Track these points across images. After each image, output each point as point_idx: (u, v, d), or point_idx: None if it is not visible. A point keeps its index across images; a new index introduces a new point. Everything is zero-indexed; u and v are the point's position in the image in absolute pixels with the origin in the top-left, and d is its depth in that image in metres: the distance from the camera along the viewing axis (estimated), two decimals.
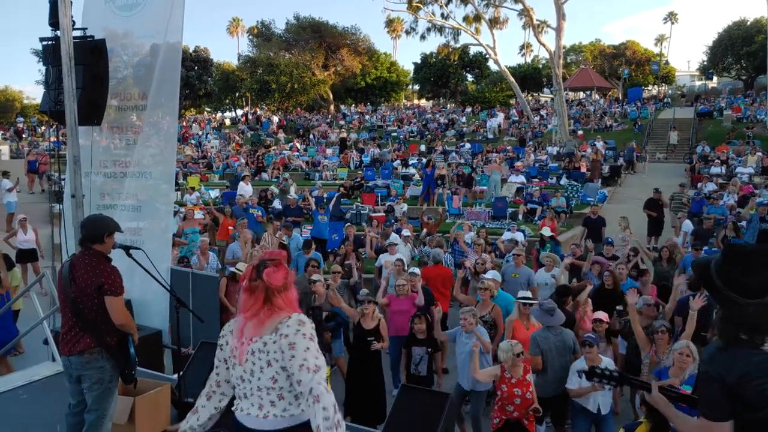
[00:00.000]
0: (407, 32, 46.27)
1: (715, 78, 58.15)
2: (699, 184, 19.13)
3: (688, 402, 2.43)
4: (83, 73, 5.52)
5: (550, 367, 5.73)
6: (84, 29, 5.98)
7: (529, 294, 6.70)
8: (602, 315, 6.45)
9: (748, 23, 47.86)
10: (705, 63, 54.10)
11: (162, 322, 6.65)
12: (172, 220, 11.06)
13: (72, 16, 5.52)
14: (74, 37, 5.50)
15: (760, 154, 21.88)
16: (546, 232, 11.38)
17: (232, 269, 9.49)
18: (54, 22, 5.39)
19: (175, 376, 4.96)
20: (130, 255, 4.24)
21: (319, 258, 9.87)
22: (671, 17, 69.86)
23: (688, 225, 13.21)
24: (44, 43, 5.58)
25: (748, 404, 2.02)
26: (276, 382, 2.57)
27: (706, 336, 5.98)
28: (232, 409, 2.74)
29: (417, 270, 8.17)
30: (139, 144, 7.16)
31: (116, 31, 7.09)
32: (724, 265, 2.12)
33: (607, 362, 5.48)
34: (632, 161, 25.60)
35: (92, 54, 5.72)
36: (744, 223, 12.86)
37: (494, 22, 36.47)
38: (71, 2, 5.49)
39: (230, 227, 12.84)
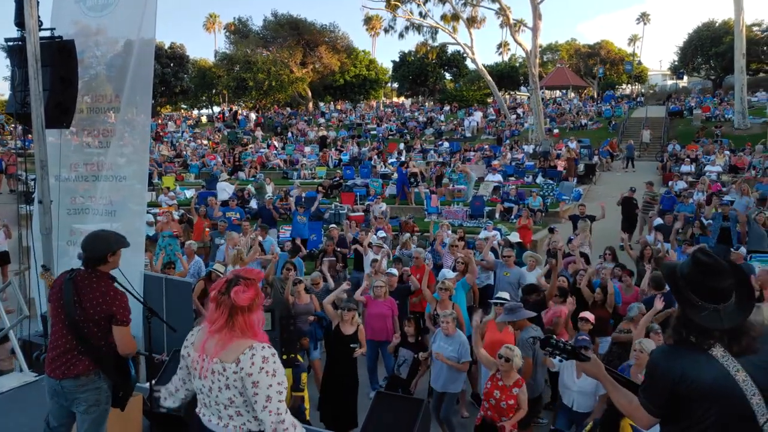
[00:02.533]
0: (386, 30, 46.36)
1: (685, 77, 59.21)
2: (670, 183, 19.47)
3: (628, 387, 2.56)
4: (51, 75, 5.37)
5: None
6: (52, 29, 5.83)
7: (506, 295, 6.70)
8: (588, 315, 6.45)
9: (717, 25, 48.72)
10: (676, 63, 54.99)
11: (135, 328, 6.52)
12: (144, 222, 10.94)
13: (39, 17, 5.37)
14: (41, 38, 5.35)
15: (727, 152, 22.35)
16: (514, 237, 11.45)
17: (211, 269, 9.45)
18: (20, 23, 5.25)
19: (147, 385, 4.87)
20: None
21: (300, 263, 9.81)
22: (644, 17, 70.87)
23: (658, 221, 13.43)
24: (9, 43, 5.43)
25: (684, 404, 2.17)
26: (233, 402, 2.65)
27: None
28: (197, 410, 2.81)
29: (395, 270, 8.18)
30: (113, 145, 7.04)
31: (89, 27, 6.95)
32: (690, 270, 2.25)
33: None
34: (631, 157, 26.16)
35: (60, 55, 5.55)
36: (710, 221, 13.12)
37: (472, 21, 36.64)
38: (38, 2, 5.35)
39: (206, 229, 12.72)
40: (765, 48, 46.70)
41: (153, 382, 4.85)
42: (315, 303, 7.44)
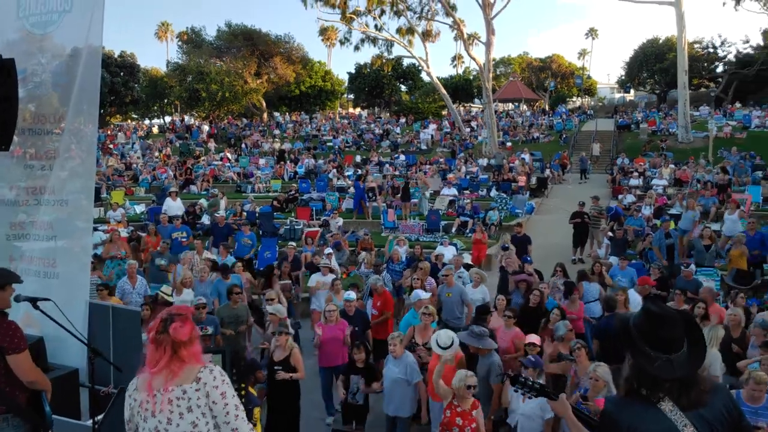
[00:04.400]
0: (341, 42, 46.29)
1: (632, 91, 61.36)
2: (619, 196, 20.04)
3: (589, 426, 2.60)
4: None
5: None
6: None
7: (443, 338, 6.50)
8: (535, 338, 6.48)
9: (661, 41, 50.75)
10: (623, 77, 56.90)
11: (79, 360, 6.25)
12: (92, 239, 10.54)
13: None
14: None
15: (672, 166, 23.16)
16: (466, 259, 11.56)
17: (158, 291, 9.19)
18: None
19: (90, 422, 4.63)
20: (37, 307, 3.93)
21: (240, 281, 9.63)
22: (592, 32, 73.17)
23: (610, 236, 13.77)
24: None
25: None
26: (196, 426, 2.68)
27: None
28: None
29: (352, 295, 8.06)
30: (56, 167, 6.76)
31: (33, 33, 6.69)
32: (642, 321, 2.29)
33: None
34: (585, 170, 27.07)
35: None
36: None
37: (427, 35, 37.04)
38: None
39: (155, 247, 12.34)
40: (705, 64, 48.85)
41: (95, 421, 4.61)
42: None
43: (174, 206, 16.46)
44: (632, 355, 2.29)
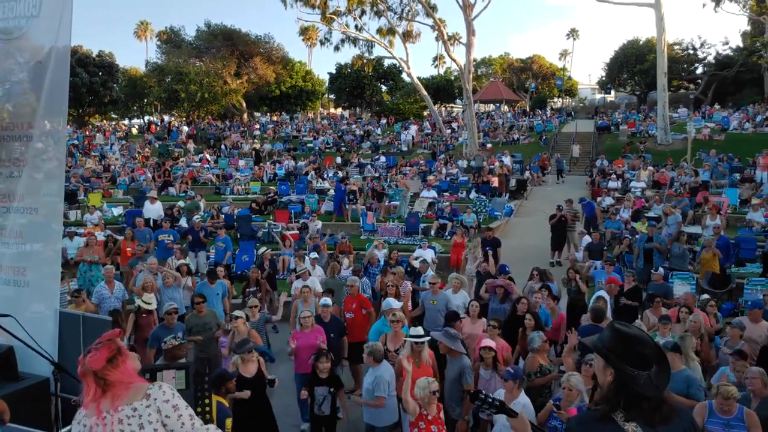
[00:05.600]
0: (321, 42, 46.17)
1: (612, 92, 61.99)
2: (598, 198, 20.20)
3: None
4: None
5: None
6: None
7: (420, 331, 6.39)
8: (491, 343, 6.34)
9: (641, 42, 51.28)
10: (604, 78, 57.44)
11: (50, 368, 6.14)
12: (62, 243, 10.34)
13: None
14: None
15: (651, 168, 23.37)
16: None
17: (138, 302, 9.03)
18: None
19: None
20: (3, 328, 3.84)
21: (224, 287, 9.55)
22: (573, 33, 73.86)
23: (587, 240, 13.86)
24: None
25: None
26: None
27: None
28: None
29: (328, 301, 8.02)
30: (26, 173, 6.63)
31: (9, 29, 6.57)
32: (617, 342, 2.28)
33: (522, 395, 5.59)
34: (561, 170, 27.44)
35: None
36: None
37: (407, 36, 37.08)
38: None
39: (129, 251, 12.16)
40: (685, 65, 49.49)
41: (63, 431, 4.54)
42: (255, 337, 7.24)
43: (153, 209, 16.27)
44: (617, 375, 2.27)
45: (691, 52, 49.66)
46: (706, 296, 9.84)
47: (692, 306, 8.23)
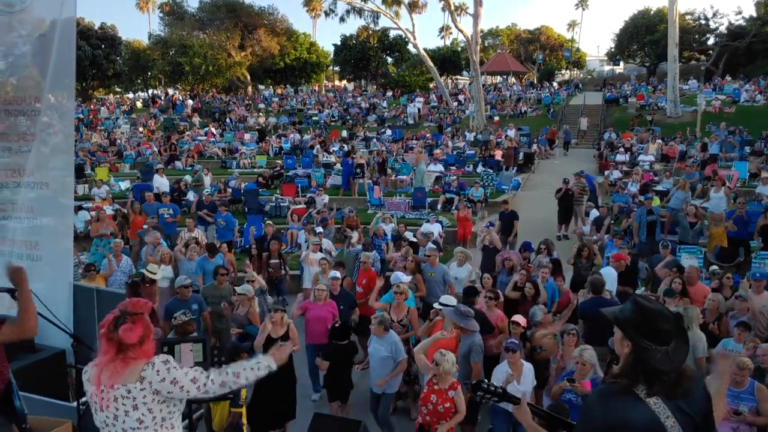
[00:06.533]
0: (326, 13, 45.67)
1: (622, 63, 61.11)
2: (606, 172, 20.08)
3: (551, 423, 2.62)
4: None
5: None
6: None
7: (451, 300, 6.59)
8: (520, 319, 6.52)
9: (652, 12, 50.33)
10: (613, 49, 56.56)
11: (66, 341, 6.25)
12: (74, 217, 10.37)
13: None
14: None
15: (660, 141, 23.13)
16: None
17: (142, 270, 9.13)
18: None
19: (75, 403, 4.62)
20: (16, 298, 3.88)
21: (223, 262, 9.61)
22: (582, 3, 72.44)
23: (594, 214, 13.81)
24: None
25: None
26: (142, 422, 2.75)
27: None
28: None
29: (338, 273, 8.09)
30: (35, 147, 6.64)
31: (4, 10, 6.51)
32: (636, 316, 2.28)
33: (527, 367, 5.67)
34: (568, 142, 27.42)
35: None
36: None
37: (413, 6, 36.58)
38: None
39: (144, 225, 12.24)
40: (697, 36, 48.64)
41: (81, 402, 4.59)
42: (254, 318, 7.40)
43: (164, 183, 16.40)
44: (633, 349, 2.28)
45: (703, 22, 48.75)
46: (714, 267, 9.84)
47: (695, 279, 8.22)
